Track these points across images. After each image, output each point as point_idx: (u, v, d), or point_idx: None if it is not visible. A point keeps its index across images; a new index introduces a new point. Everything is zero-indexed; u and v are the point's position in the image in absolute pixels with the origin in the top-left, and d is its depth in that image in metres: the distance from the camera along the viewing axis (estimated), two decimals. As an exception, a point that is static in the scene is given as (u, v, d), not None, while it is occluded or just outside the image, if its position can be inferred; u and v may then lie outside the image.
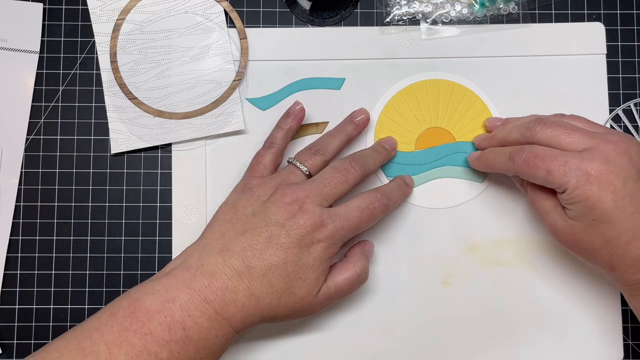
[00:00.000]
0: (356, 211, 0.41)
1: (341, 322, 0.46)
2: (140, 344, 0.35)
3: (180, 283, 0.37)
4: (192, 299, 0.36)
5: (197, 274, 0.37)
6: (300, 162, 0.42)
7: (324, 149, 0.43)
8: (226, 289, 0.37)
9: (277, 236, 0.38)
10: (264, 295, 0.38)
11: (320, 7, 0.48)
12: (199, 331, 0.36)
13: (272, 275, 0.38)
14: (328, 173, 0.41)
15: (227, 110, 0.47)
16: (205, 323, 0.36)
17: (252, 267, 0.38)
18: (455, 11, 0.48)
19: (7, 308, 0.47)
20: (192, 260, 0.38)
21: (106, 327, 0.35)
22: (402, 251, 0.47)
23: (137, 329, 0.35)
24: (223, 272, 0.37)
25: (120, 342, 0.35)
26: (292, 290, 0.39)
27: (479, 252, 0.47)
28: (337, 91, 0.48)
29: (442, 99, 0.48)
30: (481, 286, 0.47)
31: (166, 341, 0.35)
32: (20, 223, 0.47)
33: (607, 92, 0.48)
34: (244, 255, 0.38)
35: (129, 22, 0.47)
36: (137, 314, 0.36)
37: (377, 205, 0.41)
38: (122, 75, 0.47)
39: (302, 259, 0.39)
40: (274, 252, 0.38)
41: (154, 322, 0.35)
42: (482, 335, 0.46)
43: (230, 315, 0.37)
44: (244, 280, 0.37)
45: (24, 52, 0.48)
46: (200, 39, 0.47)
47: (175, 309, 0.36)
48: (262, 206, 0.40)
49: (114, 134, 0.47)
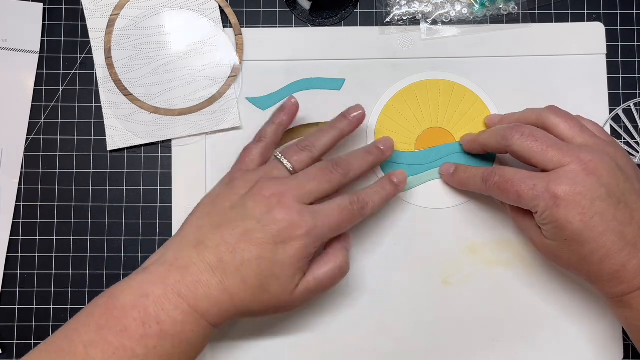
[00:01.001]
0: (337, 210, 0.40)
1: (341, 322, 0.46)
2: (116, 341, 0.35)
3: (155, 278, 0.37)
4: (166, 293, 0.36)
5: (171, 269, 0.37)
6: (285, 158, 0.41)
7: (312, 146, 0.42)
8: (199, 283, 0.37)
9: (252, 231, 0.38)
10: (237, 291, 0.37)
11: (320, 7, 0.48)
12: (173, 325, 0.36)
13: (245, 271, 0.37)
14: (312, 171, 0.40)
15: (222, 107, 0.47)
16: (179, 317, 0.36)
17: (225, 262, 0.37)
18: (455, 11, 0.48)
19: (7, 308, 0.47)
20: (168, 255, 0.38)
21: (84, 328, 0.35)
22: (402, 251, 0.47)
23: (113, 326, 0.35)
24: (196, 267, 0.37)
25: (97, 341, 0.35)
26: (267, 288, 0.38)
27: (479, 252, 0.47)
28: (337, 91, 0.48)
29: (442, 99, 0.48)
30: (481, 286, 0.47)
31: (141, 336, 0.35)
32: (20, 223, 0.47)
33: (607, 92, 0.48)
34: (218, 250, 0.37)
35: (124, 18, 0.47)
36: (113, 311, 0.36)
37: (355, 208, 0.40)
38: (117, 72, 0.47)
39: (277, 256, 0.38)
40: (247, 247, 0.37)
41: (128, 318, 0.35)
42: (482, 335, 0.46)
43: (204, 310, 0.37)
44: (217, 275, 0.37)
45: (24, 52, 0.48)
46: (195, 35, 0.47)
47: (149, 303, 0.36)
48: (241, 200, 0.39)
49: (110, 131, 0.47)
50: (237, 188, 0.40)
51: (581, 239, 0.38)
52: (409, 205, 0.47)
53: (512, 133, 0.40)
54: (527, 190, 0.39)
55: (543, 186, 0.38)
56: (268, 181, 0.39)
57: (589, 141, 0.40)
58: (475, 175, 0.43)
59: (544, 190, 0.38)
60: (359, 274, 0.47)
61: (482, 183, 0.42)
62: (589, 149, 0.39)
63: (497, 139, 0.42)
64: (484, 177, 0.42)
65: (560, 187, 0.38)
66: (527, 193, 0.39)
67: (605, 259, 0.38)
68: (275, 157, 0.42)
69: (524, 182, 0.39)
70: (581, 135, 0.40)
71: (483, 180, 0.42)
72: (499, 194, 0.41)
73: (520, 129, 0.40)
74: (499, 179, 0.40)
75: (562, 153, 0.39)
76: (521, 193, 0.39)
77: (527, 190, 0.39)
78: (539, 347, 0.46)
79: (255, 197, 0.39)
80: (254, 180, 0.40)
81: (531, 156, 0.39)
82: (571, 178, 0.38)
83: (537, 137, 0.40)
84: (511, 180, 0.40)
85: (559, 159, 0.39)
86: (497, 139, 0.42)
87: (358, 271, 0.47)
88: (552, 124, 0.41)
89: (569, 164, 0.38)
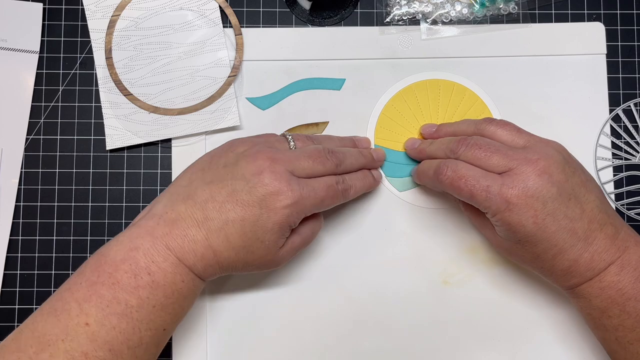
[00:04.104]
0: (323, 186, 0.40)
1: (341, 322, 0.46)
2: (109, 294, 0.35)
3: (144, 231, 0.37)
4: (155, 245, 0.37)
5: (160, 222, 0.38)
6: (293, 139, 0.42)
7: (318, 142, 0.43)
8: (185, 237, 0.37)
9: (239, 192, 0.38)
10: (221, 249, 0.38)
11: (320, 7, 0.48)
12: (164, 276, 0.36)
13: (228, 230, 0.38)
14: (309, 150, 0.41)
15: (222, 106, 0.47)
16: (169, 268, 0.37)
17: (211, 219, 0.38)
18: (455, 11, 0.48)
19: (7, 308, 0.47)
20: (158, 208, 0.39)
21: (75, 286, 0.36)
22: (402, 251, 0.47)
23: (104, 281, 0.36)
24: (184, 221, 0.38)
25: (90, 296, 0.35)
26: (250, 249, 0.38)
27: (479, 252, 0.47)
28: (337, 91, 0.48)
29: (442, 99, 0.48)
30: (481, 286, 0.47)
31: (134, 287, 0.36)
32: (20, 223, 0.47)
33: (607, 92, 0.48)
34: (205, 206, 0.38)
35: (124, 19, 0.47)
36: (104, 266, 0.36)
37: (340, 188, 0.41)
38: (118, 72, 0.47)
39: (261, 221, 0.38)
40: (232, 207, 0.38)
41: (119, 271, 0.36)
42: (482, 335, 0.46)
43: (191, 264, 0.37)
44: (202, 230, 0.38)
45: (24, 52, 0.48)
46: (195, 35, 0.47)
47: (139, 256, 0.36)
48: (235, 158, 0.40)
49: (109, 130, 0.47)
50: (236, 147, 0.41)
51: (534, 240, 0.38)
52: (409, 205, 0.47)
53: (459, 145, 0.41)
54: (480, 192, 0.39)
55: (496, 189, 0.38)
56: (266, 147, 0.40)
57: (529, 140, 0.41)
58: (429, 168, 0.43)
59: (496, 194, 0.38)
60: (358, 274, 0.47)
61: (434, 176, 0.41)
62: (535, 148, 0.40)
63: (445, 152, 0.42)
64: (436, 170, 0.41)
65: (513, 191, 0.38)
66: (480, 194, 0.39)
67: (557, 256, 0.39)
68: (283, 135, 0.43)
69: (478, 182, 0.39)
70: (520, 136, 0.41)
71: (435, 173, 0.41)
72: (451, 190, 0.41)
73: (465, 140, 0.41)
74: (452, 174, 0.40)
75: (507, 157, 0.39)
76: (474, 193, 0.39)
77: (480, 192, 0.39)
78: (538, 347, 0.46)
79: (248, 158, 0.39)
80: (253, 142, 0.41)
81: (479, 165, 0.40)
82: (522, 181, 0.38)
83: (480, 145, 0.40)
84: (465, 177, 0.39)
85: (505, 163, 0.39)
86: (445, 152, 0.42)
87: (358, 271, 0.47)
88: (490, 132, 0.42)
89: (518, 165, 0.38)
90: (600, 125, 0.48)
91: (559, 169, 0.38)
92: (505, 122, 0.42)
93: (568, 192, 0.38)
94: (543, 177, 0.38)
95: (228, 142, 0.42)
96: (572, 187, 0.39)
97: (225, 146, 0.42)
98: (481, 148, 0.40)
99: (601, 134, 0.48)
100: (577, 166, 0.40)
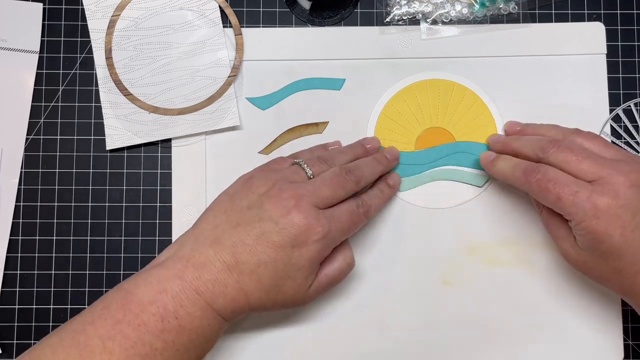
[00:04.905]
0: (346, 214, 0.40)
1: (341, 322, 0.46)
2: (135, 334, 0.35)
3: (172, 274, 0.37)
4: (184, 289, 0.36)
5: (188, 265, 0.37)
6: (307, 165, 0.42)
7: (331, 161, 0.43)
8: (216, 282, 0.37)
9: (269, 233, 0.38)
10: (252, 291, 0.38)
11: (320, 7, 0.48)
12: (191, 321, 0.36)
13: (261, 272, 0.38)
14: (327, 177, 0.41)
15: (222, 106, 0.47)
16: (197, 313, 0.36)
17: (242, 262, 0.38)
18: (455, 11, 0.48)
19: (7, 308, 0.47)
20: (184, 251, 0.38)
21: (100, 321, 0.36)
22: (402, 251, 0.47)
23: (131, 321, 0.35)
24: (213, 265, 0.37)
25: (115, 334, 0.35)
26: (282, 289, 0.39)
27: (479, 252, 0.47)
28: (337, 91, 0.48)
29: (442, 99, 0.48)
30: (481, 286, 0.47)
31: (160, 331, 0.35)
32: (20, 223, 0.47)
33: (607, 92, 0.48)
34: (235, 250, 0.38)
35: (124, 19, 0.47)
36: (130, 305, 0.36)
37: (361, 211, 0.42)
38: (118, 72, 0.47)
39: (293, 259, 0.38)
40: (264, 250, 0.38)
41: (147, 313, 0.36)
42: (482, 335, 0.46)
43: (220, 307, 0.37)
44: (234, 274, 0.38)
45: (24, 52, 0.48)
46: (195, 35, 0.47)
47: (168, 299, 0.36)
48: (259, 199, 0.39)
49: (109, 130, 0.47)
50: (255, 187, 0.40)
51: (619, 252, 0.37)
52: (409, 205, 0.47)
53: (550, 145, 0.40)
54: (568, 195, 0.38)
55: (585, 194, 0.37)
56: (286, 183, 0.40)
57: (616, 155, 0.40)
58: (516, 167, 0.42)
59: (585, 199, 0.37)
60: (359, 274, 0.47)
61: (523, 176, 0.41)
62: (625, 161, 0.39)
63: (534, 150, 0.41)
64: (525, 170, 0.41)
65: (602, 198, 0.37)
66: (568, 198, 0.38)
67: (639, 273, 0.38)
68: (297, 163, 0.42)
69: (568, 185, 0.38)
70: (607, 150, 0.40)
71: (524, 173, 0.41)
72: (537, 192, 0.40)
73: (557, 141, 0.40)
74: (541, 177, 0.39)
75: (599, 165, 0.38)
76: (562, 196, 0.38)
77: (568, 195, 0.38)
78: (538, 347, 0.46)
79: (272, 199, 0.39)
80: (273, 180, 0.40)
81: (568, 169, 0.39)
82: (613, 190, 0.37)
83: (572, 148, 0.39)
84: (554, 180, 0.39)
85: (596, 170, 0.38)
86: (534, 150, 0.41)
87: (358, 271, 0.47)
88: (577, 144, 0.41)
89: (609, 175, 0.38)
90: (600, 125, 0.48)
91: None
92: (594, 135, 0.41)
93: None
94: (634, 189, 0.37)
95: (244, 179, 0.42)
96: None
97: (243, 185, 0.41)
98: (573, 151, 0.39)
99: (601, 134, 0.48)
100: None
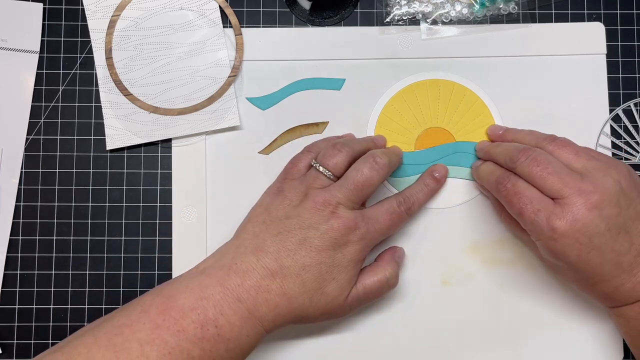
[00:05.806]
0: (385, 214, 0.41)
1: (340, 321, 0.46)
2: (173, 341, 0.35)
3: (214, 281, 0.37)
4: (225, 297, 0.36)
5: (230, 273, 0.37)
6: (322, 166, 0.41)
7: (345, 145, 0.42)
8: (259, 288, 0.37)
9: (311, 238, 0.39)
10: (296, 295, 0.38)
11: (320, 7, 0.48)
12: (230, 330, 0.36)
13: (305, 275, 0.38)
14: (352, 177, 0.40)
15: (222, 106, 0.47)
16: (237, 322, 0.36)
17: (286, 266, 0.38)
18: (455, 11, 0.48)
19: (7, 308, 0.47)
20: (226, 259, 0.39)
21: (138, 324, 0.35)
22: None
23: (170, 326, 0.35)
24: (256, 271, 0.38)
25: (153, 339, 0.35)
26: (325, 290, 0.39)
27: (479, 252, 0.47)
28: (337, 91, 0.48)
29: (442, 99, 0.48)
30: (481, 286, 0.47)
31: (199, 339, 0.35)
32: (20, 223, 0.47)
33: (607, 92, 0.48)
34: (278, 256, 0.38)
35: (124, 19, 0.47)
36: (171, 310, 0.36)
37: (402, 209, 0.42)
38: (118, 72, 0.47)
39: (336, 260, 0.39)
40: (307, 254, 0.38)
41: (187, 319, 0.35)
42: (482, 335, 0.46)
43: (262, 315, 0.37)
44: (277, 279, 0.38)
45: (24, 52, 0.48)
46: (195, 35, 0.47)
47: (209, 306, 0.36)
48: (295, 210, 0.40)
49: (109, 130, 0.47)
50: (289, 199, 0.41)
51: (576, 269, 0.39)
52: (409, 205, 0.47)
53: (519, 155, 0.40)
54: (530, 213, 0.38)
55: (545, 215, 0.38)
56: (317, 194, 0.40)
57: (587, 165, 0.39)
58: (491, 174, 0.43)
59: (544, 220, 0.38)
60: (359, 274, 0.47)
61: (495, 184, 0.42)
62: (591, 178, 0.38)
63: (505, 159, 0.42)
64: (498, 179, 0.41)
65: (561, 222, 0.37)
66: (529, 215, 0.38)
67: (599, 284, 0.39)
68: (314, 167, 0.42)
69: (531, 202, 0.38)
70: (577, 160, 0.40)
71: (496, 181, 0.41)
72: (504, 202, 0.41)
73: (527, 151, 0.40)
74: (510, 187, 0.40)
75: (561, 183, 0.38)
76: (523, 212, 0.39)
77: (529, 213, 0.38)
78: (539, 347, 0.46)
79: (309, 209, 0.39)
80: (303, 192, 0.40)
81: (534, 183, 0.39)
82: (572, 212, 0.37)
83: (539, 162, 0.39)
84: (520, 194, 0.39)
85: (558, 188, 0.38)
86: (505, 159, 0.42)
87: (358, 271, 0.47)
88: (549, 152, 0.41)
89: (570, 195, 0.38)
90: (600, 125, 0.48)
91: (612, 202, 0.38)
92: (565, 142, 0.41)
93: (618, 227, 0.38)
94: (593, 212, 0.37)
95: (274, 192, 0.42)
96: (624, 220, 0.38)
97: (275, 197, 0.41)
98: (539, 165, 0.39)
99: (601, 134, 0.48)
100: (636, 195, 0.39)
